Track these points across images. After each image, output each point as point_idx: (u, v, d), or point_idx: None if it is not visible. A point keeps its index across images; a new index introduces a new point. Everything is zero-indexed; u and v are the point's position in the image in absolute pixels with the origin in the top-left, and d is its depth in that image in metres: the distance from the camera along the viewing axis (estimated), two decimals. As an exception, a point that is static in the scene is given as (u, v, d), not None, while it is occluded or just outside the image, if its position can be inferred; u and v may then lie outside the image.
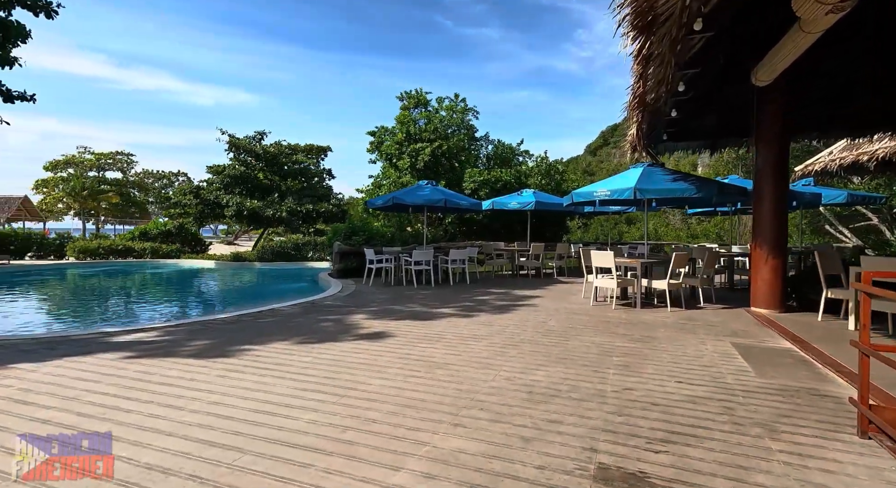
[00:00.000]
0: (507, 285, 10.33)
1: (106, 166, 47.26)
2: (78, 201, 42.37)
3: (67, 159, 44.31)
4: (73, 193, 42.15)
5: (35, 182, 42.86)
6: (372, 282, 10.37)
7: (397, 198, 9.96)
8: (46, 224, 41.56)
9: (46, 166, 44.02)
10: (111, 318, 7.61)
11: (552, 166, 16.78)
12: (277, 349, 4.67)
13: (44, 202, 42.32)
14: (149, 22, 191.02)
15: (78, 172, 43.89)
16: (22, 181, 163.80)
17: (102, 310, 8.41)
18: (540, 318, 6.40)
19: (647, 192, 6.85)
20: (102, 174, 46.70)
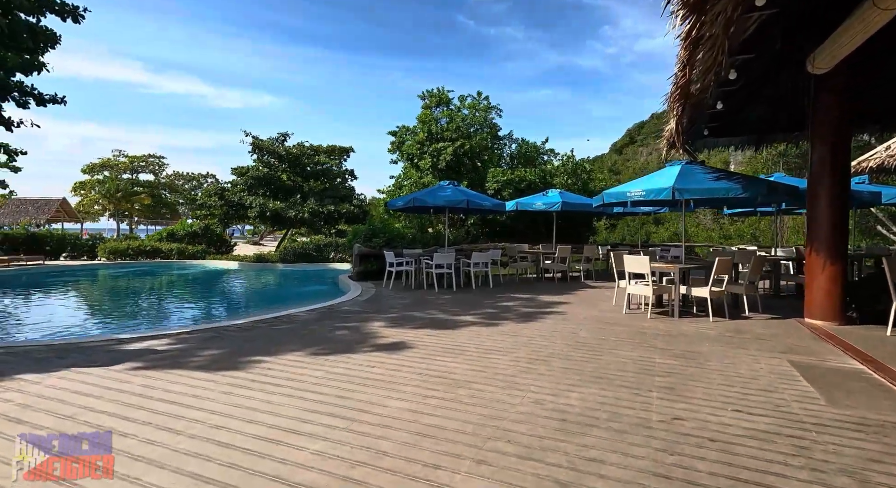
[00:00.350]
0: (532, 290, 9.88)
1: (139, 168, 48.87)
2: (112, 202, 43.95)
3: (103, 162, 46.00)
4: (108, 195, 43.74)
5: (73, 184, 44.73)
6: (392, 286, 10.10)
7: (418, 199, 9.65)
8: (84, 225, 43.29)
9: (84, 169, 45.85)
10: (128, 322, 7.55)
11: (579, 165, 16.16)
12: (289, 361, 4.40)
13: (81, 203, 44.08)
14: (179, 28, 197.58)
15: (113, 175, 45.51)
16: (62, 184, 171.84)
17: (121, 314, 8.40)
18: (569, 328, 5.95)
19: (687, 192, 6.31)
20: (136, 176, 48.30)
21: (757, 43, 4.11)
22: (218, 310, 8.76)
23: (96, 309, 8.85)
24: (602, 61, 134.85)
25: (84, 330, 6.96)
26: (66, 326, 7.18)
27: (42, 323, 7.60)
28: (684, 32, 3.48)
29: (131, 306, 9.36)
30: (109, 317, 8.02)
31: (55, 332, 6.80)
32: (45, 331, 6.94)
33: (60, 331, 6.86)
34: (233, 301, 10.45)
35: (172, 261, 18.31)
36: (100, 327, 7.11)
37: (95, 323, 7.49)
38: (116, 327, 7.06)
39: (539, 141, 20.06)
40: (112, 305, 9.41)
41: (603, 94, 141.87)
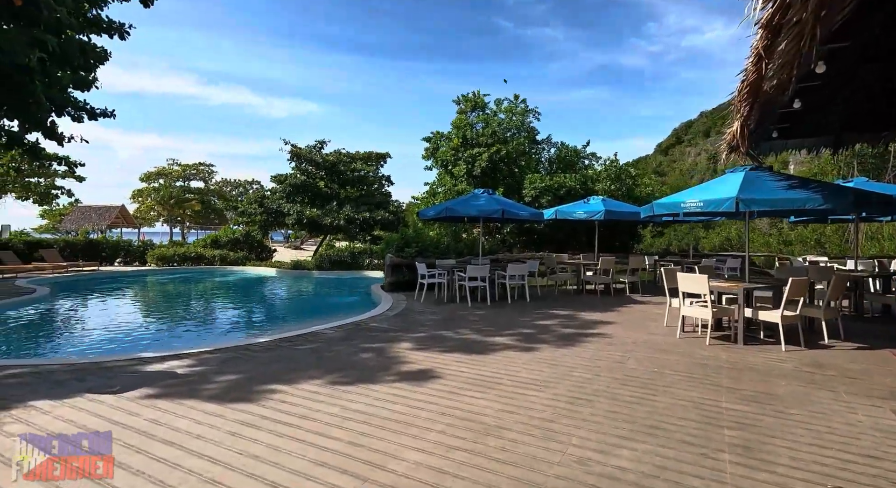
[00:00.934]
0: (572, 305, 9.21)
1: (190, 176, 51.53)
2: (166, 209, 46.54)
3: (158, 171, 48.84)
4: (163, 201, 46.36)
5: (132, 192, 47.76)
6: (424, 298, 9.73)
7: (450, 209, 9.25)
8: (141, 229, 46.11)
9: (141, 177, 48.87)
10: (157, 335, 7.56)
11: (623, 170, 15.22)
12: (305, 392, 4.07)
13: (139, 210, 46.96)
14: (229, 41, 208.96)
15: (166, 182, 48.19)
16: (126, 191, 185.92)
17: (152, 326, 8.47)
18: (615, 356, 5.32)
19: (754, 203, 5.52)
20: (187, 183, 50.95)
21: (853, 28, 3.41)
22: (245, 324, 8.70)
23: (130, 319, 9.02)
24: (645, 59, 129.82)
25: (115, 342, 7.01)
26: (98, 338, 7.26)
27: (77, 333, 7.77)
28: (764, 18, 2.87)
29: (164, 317, 9.49)
30: (141, 328, 8.11)
31: (87, 343, 6.89)
32: (78, 342, 7.06)
33: (91, 344, 6.94)
34: (262, 313, 10.42)
35: (215, 267, 18.86)
36: (129, 340, 7.14)
37: (126, 335, 7.56)
38: (144, 341, 7.07)
39: (580, 144, 19.22)
40: (146, 315, 9.58)
41: (647, 93, 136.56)
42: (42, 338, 7.44)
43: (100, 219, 35.60)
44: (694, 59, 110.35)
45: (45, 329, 8.11)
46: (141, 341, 7.06)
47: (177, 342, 7.01)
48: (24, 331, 7.94)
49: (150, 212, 47.58)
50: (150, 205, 47.17)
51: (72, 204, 37.55)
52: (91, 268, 17.20)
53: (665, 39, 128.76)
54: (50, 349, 6.70)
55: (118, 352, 6.26)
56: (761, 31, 3.03)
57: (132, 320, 8.75)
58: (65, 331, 8.06)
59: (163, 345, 6.84)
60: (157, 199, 46.45)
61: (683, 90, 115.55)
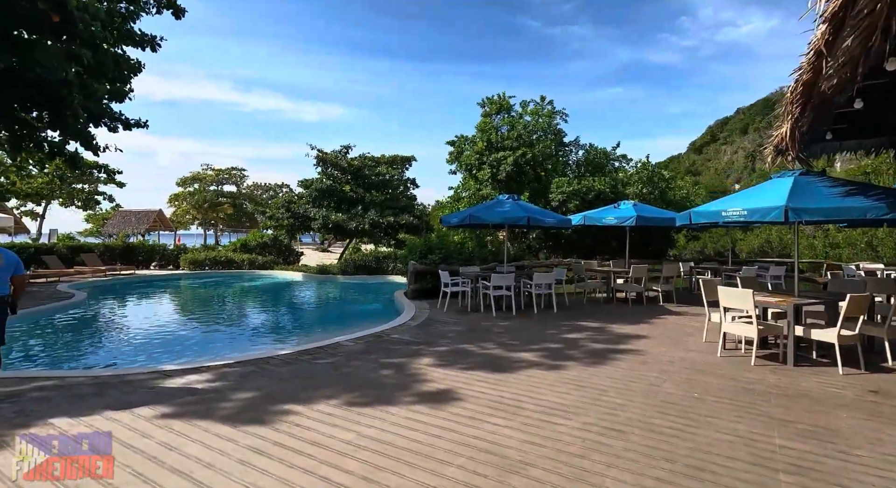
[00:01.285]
0: (602, 316, 8.79)
1: (223, 180, 53.23)
2: (200, 212, 48.17)
3: (193, 175, 50.66)
4: (197, 205, 48.02)
5: (169, 196, 49.72)
6: (447, 307, 9.51)
7: (474, 216, 9.00)
8: (178, 233, 47.87)
9: (178, 182, 50.84)
10: (181, 344, 7.61)
11: (656, 172, 14.55)
12: (321, 413, 3.92)
13: (175, 214, 48.82)
14: (263, 49, 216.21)
15: (201, 187, 49.90)
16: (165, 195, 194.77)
17: (177, 333, 8.52)
18: (650, 377, 4.95)
19: (806, 213, 5.04)
20: (220, 187, 52.62)
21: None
22: (267, 334, 8.68)
23: (158, 326, 9.17)
24: (678, 55, 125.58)
25: (141, 350, 7.11)
26: (125, 346, 7.38)
27: (106, 341, 7.93)
28: (829, 10, 2.51)
29: (190, 324, 9.59)
30: (167, 336, 8.18)
31: (114, 351, 7.02)
32: (106, 350, 7.20)
33: (118, 352, 7.06)
34: (286, 320, 10.44)
35: (244, 271, 19.24)
36: (155, 348, 7.22)
37: (152, 342, 7.66)
38: (169, 350, 7.12)
39: (608, 146, 18.57)
40: (173, 322, 9.71)
41: (679, 90, 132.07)
42: (73, 345, 7.63)
43: (139, 223, 37.08)
44: (729, 54, 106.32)
45: (78, 336, 8.33)
46: (165, 350, 7.13)
47: (200, 352, 7.03)
48: (58, 337, 8.19)
49: (185, 216, 49.33)
50: (185, 208, 48.93)
51: (113, 208, 39.38)
52: (128, 272, 17.84)
53: (699, 34, 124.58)
54: (79, 357, 6.85)
55: (142, 363, 6.32)
56: (823, 26, 2.67)
57: (159, 327, 8.90)
58: (95, 338, 8.26)
59: (186, 354, 6.88)
60: (192, 203, 48.12)
61: (718, 86, 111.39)
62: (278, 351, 6.06)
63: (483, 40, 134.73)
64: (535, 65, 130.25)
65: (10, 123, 10.62)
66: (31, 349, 7.23)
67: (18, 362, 6.43)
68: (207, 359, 5.70)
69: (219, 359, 5.62)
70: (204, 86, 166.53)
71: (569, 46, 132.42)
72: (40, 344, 7.60)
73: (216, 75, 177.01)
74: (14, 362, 6.41)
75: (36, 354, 6.93)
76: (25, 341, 7.71)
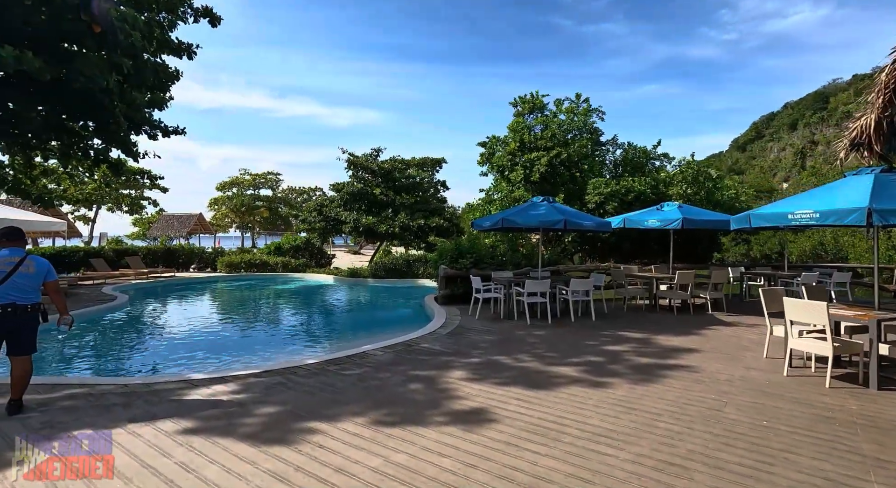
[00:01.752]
0: (645, 325, 8.21)
1: (260, 185, 54.88)
2: (238, 216, 49.82)
3: (232, 180, 52.48)
4: (235, 209, 49.68)
5: (209, 200, 51.69)
6: (479, 314, 9.15)
7: (507, 219, 8.62)
8: (216, 236, 49.68)
9: (218, 187, 52.78)
10: (210, 350, 7.58)
11: (701, 171, 13.65)
12: (346, 433, 3.66)
13: (214, 217, 50.71)
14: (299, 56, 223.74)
15: (239, 191, 51.61)
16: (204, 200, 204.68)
17: (209, 338, 8.48)
18: (708, 400, 4.43)
19: (895, 216, 4.40)
20: (257, 192, 54.28)
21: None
22: (296, 340, 8.54)
23: (191, 330, 9.25)
24: (718, 49, 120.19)
25: (173, 355, 7.13)
26: (159, 352, 7.42)
27: (141, 345, 8.02)
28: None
29: (222, 328, 9.54)
30: (199, 340, 8.18)
31: (148, 356, 7.07)
32: (140, 355, 7.27)
33: (152, 356, 7.11)
34: (316, 325, 10.34)
35: (277, 274, 19.53)
36: (186, 355, 7.22)
37: (184, 347, 7.67)
38: (199, 357, 7.09)
39: (648, 144, 17.63)
40: (206, 326, 9.67)
41: (720, 86, 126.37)
42: (110, 349, 7.76)
43: (181, 227, 38.63)
44: (775, 46, 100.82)
45: (116, 340, 8.49)
46: (196, 356, 7.13)
47: (229, 358, 6.96)
48: (97, 341, 8.37)
49: (224, 219, 51.13)
50: (224, 212, 50.72)
51: (158, 213, 41.24)
52: (168, 274, 18.45)
53: (741, 26, 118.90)
54: (114, 361, 6.93)
55: (172, 370, 6.31)
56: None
57: (192, 332, 8.98)
58: (131, 342, 8.37)
59: (215, 361, 6.84)
60: (231, 207, 49.81)
61: (763, 80, 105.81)
62: (305, 359, 5.89)
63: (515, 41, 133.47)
64: (568, 64, 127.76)
65: (60, 133, 11.08)
66: (71, 352, 7.40)
67: (58, 365, 6.56)
68: (234, 369, 5.59)
69: (245, 369, 5.49)
70: (243, 94, 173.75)
71: (603, 44, 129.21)
72: (80, 347, 7.78)
73: (255, 83, 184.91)
74: (54, 365, 6.54)
75: (74, 357, 7.08)
76: (68, 343, 7.92)
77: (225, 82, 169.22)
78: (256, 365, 5.89)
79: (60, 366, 6.58)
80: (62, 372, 6.14)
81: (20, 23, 8.45)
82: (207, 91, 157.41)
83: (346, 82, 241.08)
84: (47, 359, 6.74)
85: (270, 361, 6.32)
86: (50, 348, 7.37)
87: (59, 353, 7.23)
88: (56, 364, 6.63)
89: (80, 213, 31.76)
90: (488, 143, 16.55)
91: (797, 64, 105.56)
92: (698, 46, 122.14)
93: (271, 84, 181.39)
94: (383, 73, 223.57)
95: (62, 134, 11.18)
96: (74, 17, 8.30)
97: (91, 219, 31.77)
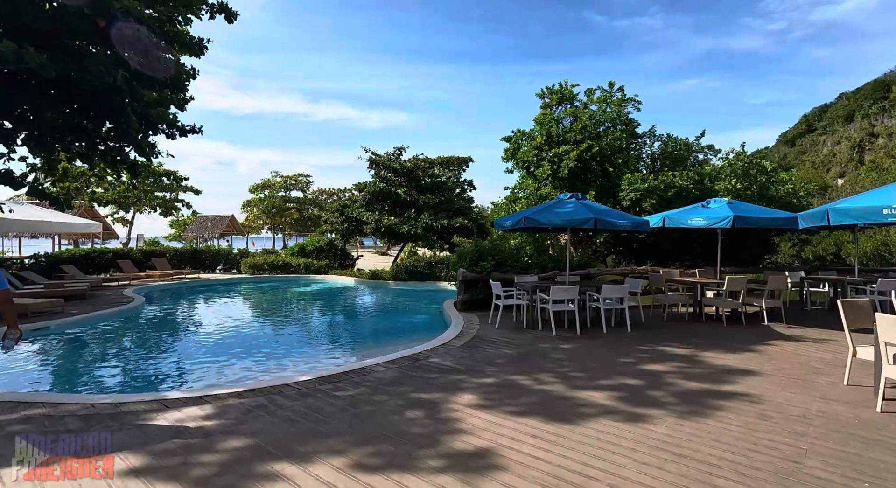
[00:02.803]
0: (690, 338, 7.15)
1: (291, 187, 55.74)
2: (270, 218, 50.73)
3: (264, 182, 53.53)
4: (266, 211, 50.62)
5: (242, 202, 52.94)
6: (499, 322, 8.33)
7: (531, 218, 7.75)
8: (249, 237, 50.77)
9: (251, 189, 53.99)
10: (207, 359, 7.07)
11: (754, 164, 12.17)
12: (316, 482, 2.96)
13: (247, 219, 51.85)
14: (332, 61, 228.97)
15: (270, 193, 52.59)
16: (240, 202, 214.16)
17: (207, 347, 7.92)
18: (781, 446, 3.46)
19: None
20: (288, 193, 55.15)
21: None
22: (295, 352, 7.80)
23: (193, 338, 8.84)
24: (763, 40, 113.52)
25: (159, 370, 6.66)
26: (148, 364, 6.95)
27: (131, 357, 7.52)
28: None
29: (225, 335, 8.96)
30: (193, 352, 7.60)
31: (133, 369, 6.64)
32: (125, 367, 6.85)
33: (136, 373, 6.67)
34: (321, 334, 9.69)
35: (300, 275, 19.30)
36: (175, 368, 6.75)
37: (175, 360, 7.19)
38: (184, 372, 6.54)
39: (692, 136, 16.10)
40: (208, 334, 9.11)
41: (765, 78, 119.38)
42: (99, 360, 7.18)
43: (214, 228, 39.55)
44: (827, 35, 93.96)
45: (109, 349, 7.95)
46: (186, 369, 6.63)
47: (218, 373, 6.35)
48: (89, 350, 7.98)
49: (256, 221, 52.24)
50: (256, 214, 51.80)
51: (193, 215, 42.46)
52: (193, 276, 18.53)
53: (788, 14, 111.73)
54: (97, 374, 6.41)
55: (148, 388, 5.82)
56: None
57: (193, 340, 8.57)
58: (126, 350, 7.86)
59: (205, 374, 6.30)
60: (263, 209, 50.81)
61: (813, 71, 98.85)
62: (297, 376, 5.26)
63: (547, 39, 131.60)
64: (602, 60, 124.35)
65: (78, 134, 11.04)
66: (57, 363, 7.09)
67: (34, 379, 6.11)
68: (215, 387, 5.03)
69: (229, 386, 4.92)
70: (278, 98, 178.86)
71: (638, 39, 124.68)
72: (67, 357, 7.44)
73: (290, 88, 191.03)
74: (31, 378, 6.20)
75: (59, 368, 6.74)
76: (57, 351, 7.64)
77: (262, 88, 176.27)
78: (243, 382, 5.32)
79: (38, 379, 6.16)
80: (34, 388, 5.69)
81: (29, 20, 8.32)
82: (245, 97, 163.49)
83: (378, 85, 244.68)
84: (28, 372, 6.34)
85: (263, 376, 5.75)
86: (34, 359, 7.04)
87: (40, 365, 6.87)
88: (35, 377, 6.20)
89: (119, 216, 32.89)
90: (513, 138, 15.56)
91: (851, 53, 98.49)
92: (741, 38, 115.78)
93: (305, 88, 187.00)
94: (415, 75, 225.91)
95: (80, 135, 11.15)
96: (79, 13, 8.09)
97: (129, 221, 32.85)
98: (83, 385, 5.93)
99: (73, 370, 6.60)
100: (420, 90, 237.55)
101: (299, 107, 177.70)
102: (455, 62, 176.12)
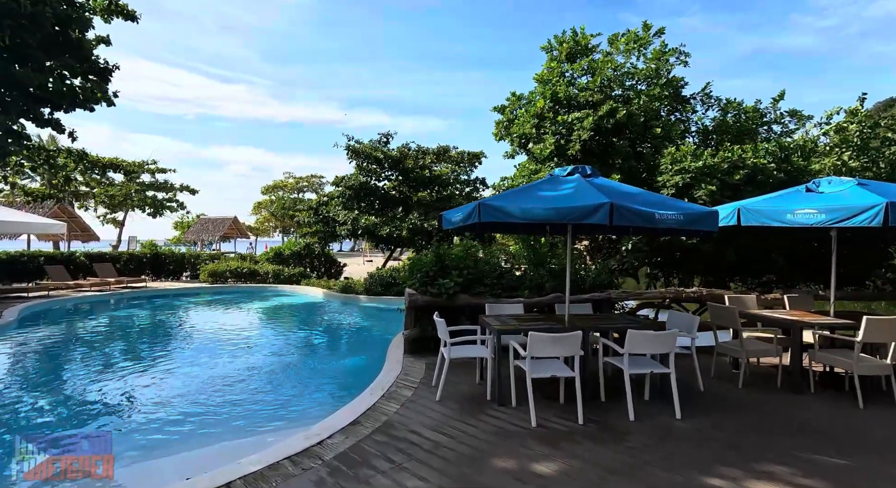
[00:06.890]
0: (798, 437, 3.37)
1: (303, 188, 53.72)
2: (278, 220, 48.74)
3: (276, 184, 51.74)
4: (276, 213, 48.65)
5: (253, 204, 51.30)
6: (444, 388, 4.76)
7: (490, 206, 4.20)
8: (258, 239, 49.00)
9: (262, 190, 52.32)
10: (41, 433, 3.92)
11: (876, 131, 7.86)
12: None
13: (257, 221, 50.13)
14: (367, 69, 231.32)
15: (280, 195, 50.71)
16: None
17: (62, 405, 4.94)
18: None
19: None
20: (300, 195, 53.15)
21: None
22: (199, 413, 4.67)
23: (52, 385, 5.82)
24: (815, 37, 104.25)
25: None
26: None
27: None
28: None
29: (99, 388, 6.05)
30: (34, 409, 4.61)
31: None
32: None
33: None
34: (239, 387, 6.49)
35: (264, 285, 16.34)
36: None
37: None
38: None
39: (764, 103, 11.47)
40: (64, 382, 6.24)
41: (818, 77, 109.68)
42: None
43: (215, 230, 37.62)
44: (886, 29, 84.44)
45: None
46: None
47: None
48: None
49: (265, 224, 50.47)
50: (266, 216, 50.01)
51: (197, 216, 40.80)
52: (138, 285, 15.86)
53: (842, 10, 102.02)
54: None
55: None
56: None
57: (56, 387, 5.54)
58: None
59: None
60: (271, 211, 48.93)
61: (870, 67, 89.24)
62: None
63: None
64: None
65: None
66: None
67: None
68: None
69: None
70: (316, 107, 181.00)
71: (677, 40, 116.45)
72: None
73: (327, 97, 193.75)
74: None
75: None
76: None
77: (301, 98, 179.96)
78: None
79: None
80: None
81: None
82: (284, 106, 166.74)
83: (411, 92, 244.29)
84: None
85: None
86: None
87: None
88: None
89: (111, 216, 31.25)
90: (507, 107, 11.49)
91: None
92: (790, 36, 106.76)
93: (341, 97, 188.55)
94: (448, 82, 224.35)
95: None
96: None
97: (120, 223, 31.14)
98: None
99: None
100: (452, 97, 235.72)
101: (335, 114, 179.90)
102: (489, 67, 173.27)
